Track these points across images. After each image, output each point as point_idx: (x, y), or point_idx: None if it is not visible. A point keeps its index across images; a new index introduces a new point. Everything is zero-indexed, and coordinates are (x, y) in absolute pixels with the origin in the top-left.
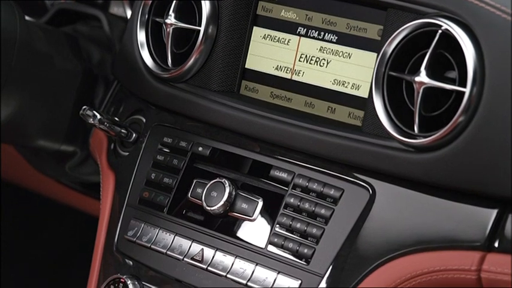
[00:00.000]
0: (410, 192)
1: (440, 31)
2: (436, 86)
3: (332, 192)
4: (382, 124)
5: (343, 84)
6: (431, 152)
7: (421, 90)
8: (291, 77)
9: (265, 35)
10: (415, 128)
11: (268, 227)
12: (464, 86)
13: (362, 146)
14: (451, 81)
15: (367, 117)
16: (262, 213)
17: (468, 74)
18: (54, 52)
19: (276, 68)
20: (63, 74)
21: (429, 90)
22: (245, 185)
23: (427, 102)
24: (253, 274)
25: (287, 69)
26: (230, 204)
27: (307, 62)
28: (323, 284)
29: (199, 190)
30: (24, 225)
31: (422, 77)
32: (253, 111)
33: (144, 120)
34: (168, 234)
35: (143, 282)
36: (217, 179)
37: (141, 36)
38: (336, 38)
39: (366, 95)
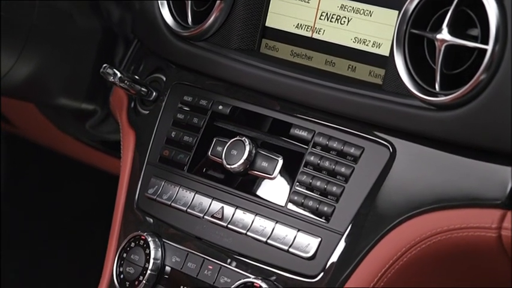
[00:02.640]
0: (431, 151)
1: None
2: (457, 43)
3: (352, 150)
4: (403, 82)
5: (364, 42)
6: (453, 110)
7: (442, 48)
8: (312, 35)
9: None
10: (436, 86)
11: (288, 185)
12: (487, 43)
13: (383, 105)
14: (473, 39)
15: (388, 75)
16: (282, 171)
17: (490, 32)
18: (75, 10)
19: (297, 26)
20: (84, 32)
21: (451, 48)
22: (265, 143)
23: (449, 60)
24: (273, 232)
25: (307, 28)
26: (250, 162)
27: (327, 20)
28: (343, 241)
29: (219, 148)
30: (44, 183)
31: (444, 35)
32: (274, 70)
33: (164, 78)
34: (188, 192)
35: (163, 240)
36: (237, 138)
37: None
38: None
39: (386, 53)
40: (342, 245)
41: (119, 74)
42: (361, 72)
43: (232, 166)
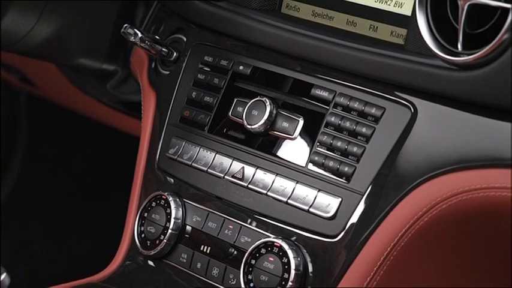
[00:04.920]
0: (452, 111)
1: None
2: (481, 2)
3: (373, 111)
4: (425, 42)
5: (385, 1)
6: (475, 70)
7: (465, 7)
8: None
9: None
10: (459, 46)
11: (309, 146)
12: (510, 2)
13: (404, 65)
14: None
15: (410, 35)
16: (302, 132)
17: None
18: None
19: None
20: None
21: (474, 7)
22: (286, 103)
23: (472, 19)
24: (294, 192)
25: None
26: (271, 122)
27: None
28: (363, 202)
29: (239, 109)
30: (65, 144)
31: None
32: (295, 30)
33: (185, 39)
34: (208, 152)
35: (184, 199)
36: (258, 98)
37: None
38: None
39: (409, 13)
40: (362, 205)
41: (139, 34)
42: (382, 32)
43: (253, 126)
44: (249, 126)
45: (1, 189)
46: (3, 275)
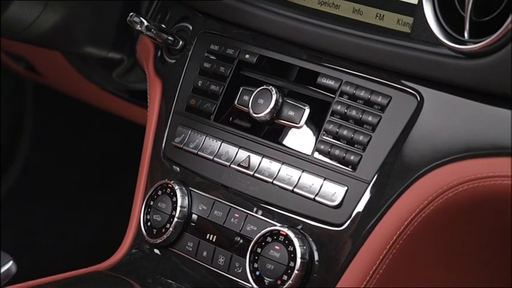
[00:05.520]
0: (459, 99)
1: None
2: None
3: (379, 99)
4: (431, 30)
5: None
6: (481, 58)
7: None
8: None
9: None
10: (465, 34)
11: (315, 135)
12: None
13: (411, 53)
14: None
15: (416, 23)
16: (308, 120)
17: None
18: None
19: None
20: None
21: None
22: (292, 92)
23: (478, 7)
24: (300, 180)
25: None
26: (277, 111)
27: None
28: (369, 190)
29: (245, 97)
30: (71, 132)
31: None
32: (301, 18)
33: (191, 27)
34: (214, 140)
35: (190, 188)
36: (264, 86)
37: None
38: None
39: (415, 1)
40: (368, 193)
41: (145, 23)
42: (389, 20)
43: (259, 115)
44: (255, 115)
45: (7, 177)
46: (10, 263)
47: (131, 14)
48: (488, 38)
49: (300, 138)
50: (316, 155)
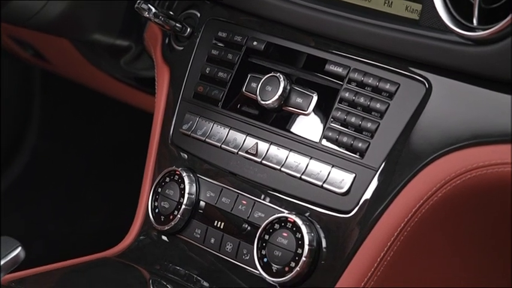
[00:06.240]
0: (467, 86)
1: None
2: None
3: (388, 86)
4: (440, 17)
5: None
6: (490, 45)
7: None
8: None
9: None
10: (474, 21)
11: (323, 122)
12: None
13: (419, 40)
14: None
15: (424, 10)
16: (316, 107)
17: None
18: None
19: None
20: None
21: None
22: (300, 79)
23: None
24: (308, 167)
25: None
26: (285, 98)
27: None
28: (377, 177)
29: (253, 84)
30: (78, 120)
31: None
32: (309, 5)
33: (199, 14)
34: (222, 128)
35: (198, 175)
36: (272, 73)
37: None
38: None
39: None
40: (376, 180)
41: (153, 10)
42: (397, 7)
43: (267, 102)
44: (262, 102)
45: (15, 165)
46: (19, 249)
47: (139, 0)
48: (497, 24)
49: (308, 126)
50: (324, 142)
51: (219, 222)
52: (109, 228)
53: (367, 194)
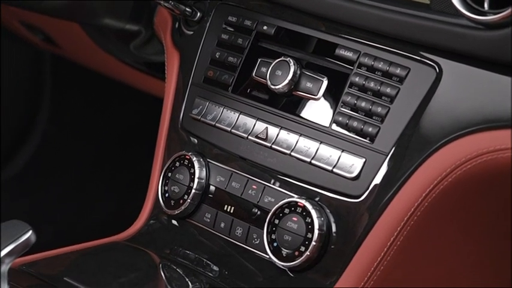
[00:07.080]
0: (478, 71)
1: None
2: None
3: (398, 71)
4: (451, 1)
5: None
6: (501, 29)
7: None
8: None
9: None
10: (485, 5)
11: (333, 106)
12: None
13: (430, 24)
14: None
15: None
16: (326, 92)
17: None
18: None
19: None
20: None
21: None
22: (310, 64)
23: None
24: (317, 152)
25: None
26: (295, 83)
27: None
28: (387, 162)
29: (263, 69)
30: (88, 104)
31: None
32: None
33: None
34: (232, 112)
35: (208, 159)
36: (282, 58)
37: None
38: None
39: None
40: (386, 165)
41: None
42: None
43: (277, 87)
44: (272, 87)
45: (25, 150)
46: (29, 233)
47: None
48: (508, 8)
49: (318, 110)
50: (334, 126)
51: (229, 207)
52: (118, 214)
53: (377, 179)
